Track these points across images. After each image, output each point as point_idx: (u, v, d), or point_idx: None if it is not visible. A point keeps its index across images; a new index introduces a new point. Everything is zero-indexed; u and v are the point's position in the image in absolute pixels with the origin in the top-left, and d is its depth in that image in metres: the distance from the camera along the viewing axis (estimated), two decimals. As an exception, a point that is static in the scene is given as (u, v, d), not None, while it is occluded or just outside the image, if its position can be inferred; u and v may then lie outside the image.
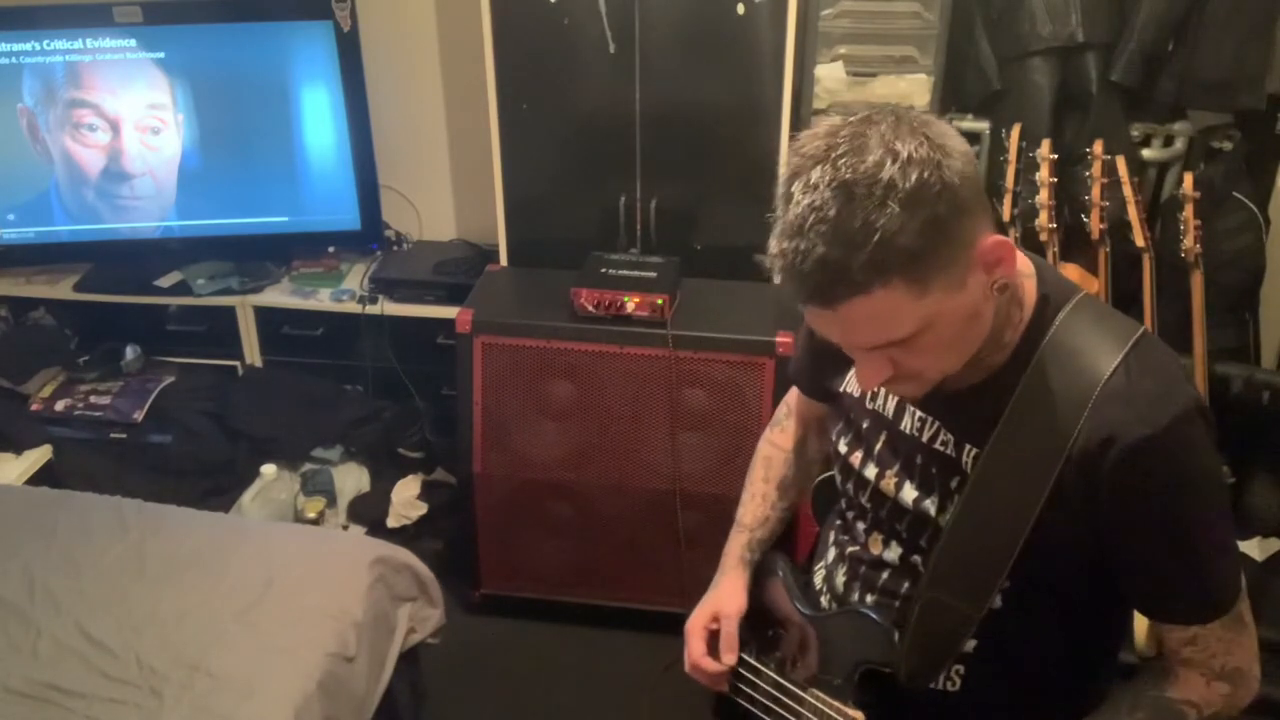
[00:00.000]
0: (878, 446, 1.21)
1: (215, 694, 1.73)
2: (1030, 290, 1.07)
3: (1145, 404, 0.99)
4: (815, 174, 0.90)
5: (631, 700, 1.63)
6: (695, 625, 1.38)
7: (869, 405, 1.22)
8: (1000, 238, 0.95)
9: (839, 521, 1.32)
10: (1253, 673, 1.10)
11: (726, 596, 1.38)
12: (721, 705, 1.41)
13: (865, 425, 1.23)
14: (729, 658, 1.35)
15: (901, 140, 0.89)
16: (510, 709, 2.47)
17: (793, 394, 1.47)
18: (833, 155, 0.90)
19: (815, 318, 0.97)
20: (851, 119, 0.93)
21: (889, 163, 0.88)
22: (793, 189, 0.91)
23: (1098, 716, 1.12)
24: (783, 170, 0.94)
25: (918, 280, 0.90)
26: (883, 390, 1.19)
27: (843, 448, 1.26)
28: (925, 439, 1.14)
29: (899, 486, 1.18)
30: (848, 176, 0.88)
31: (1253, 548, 2.60)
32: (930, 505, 1.14)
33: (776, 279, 0.97)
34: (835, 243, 0.88)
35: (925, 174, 0.88)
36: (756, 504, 1.44)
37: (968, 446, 1.10)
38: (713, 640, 1.38)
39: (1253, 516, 2.65)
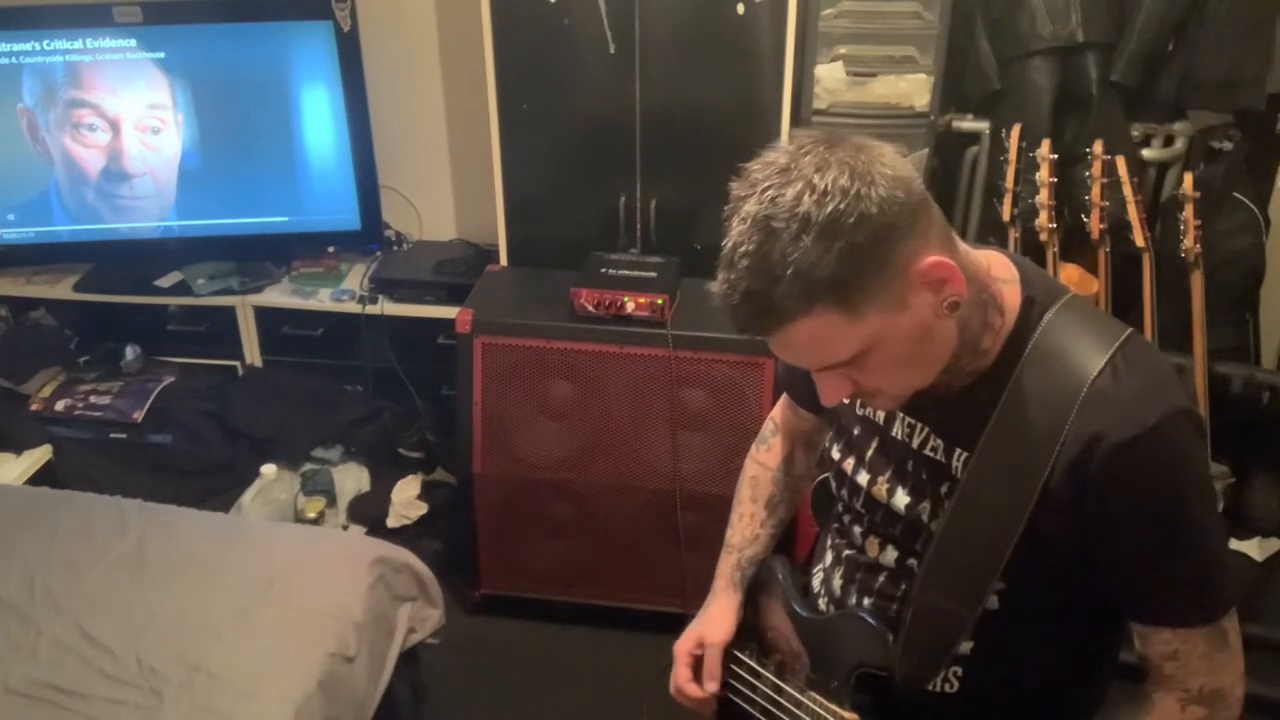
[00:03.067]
0: (869, 453, 1.21)
1: (215, 694, 1.73)
2: (1012, 295, 1.07)
3: (1132, 404, 0.99)
4: (747, 207, 0.94)
5: (631, 700, 1.62)
6: (681, 650, 1.40)
7: (859, 411, 1.22)
8: (939, 258, 0.95)
9: (836, 525, 1.32)
10: (1234, 695, 1.09)
11: (713, 623, 1.40)
12: (721, 707, 1.41)
13: (856, 431, 1.23)
14: (710, 686, 1.37)
15: (823, 172, 0.92)
16: (510, 709, 2.47)
17: (778, 409, 1.47)
18: (760, 189, 0.93)
19: (769, 343, 0.99)
20: (789, 148, 0.95)
21: (806, 196, 0.91)
22: (731, 221, 0.95)
23: None
24: (733, 196, 0.97)
25: (847, 306, 0.93)
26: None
27: (835, 454, 1.27)
28: (915, 444, 1.15)
29: (891, 492, 1.18)
30: (769, 211, 0.92)
31: (1253, 548, 2.60)
32: (923, 510, 1.14)
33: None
34: (758, 276, 0.92)
35: (841, 205, 0.90)
36: (745, 524, 1.45)
37: (957, 451, 1.10)
38: (698, 666, 1.39)
39: (1253, 516, 2.65)
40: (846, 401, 1.23)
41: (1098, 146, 2.38)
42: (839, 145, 0.94)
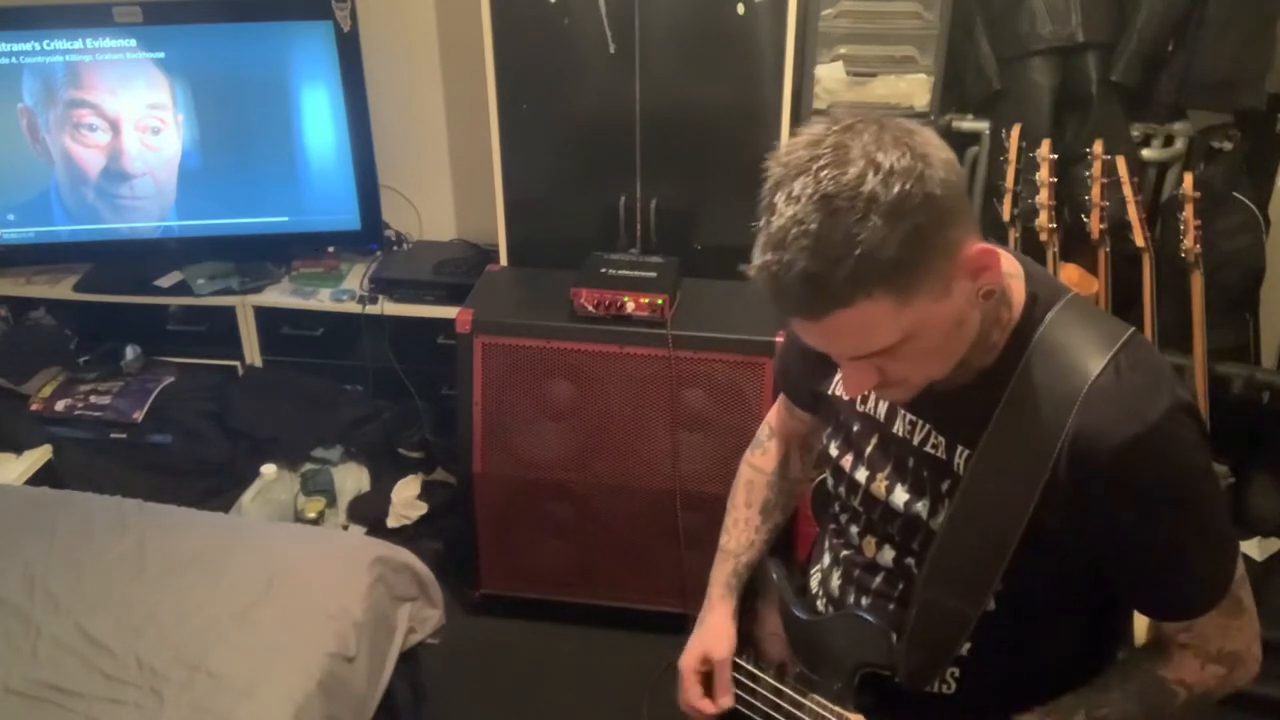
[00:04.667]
0: (868, 449, 1.20)
1: (215, 694, 1.73)
2: (1018, 290, 1.07)
3: (1133, 402, 0.99)
4: (797, 185, 0.90)
5: (631, 700, 1.62)
6: (688, 668, 1.39)
7: (859, 408, 1.22)
8: (985, 245, 0.95)
9: (833, 525, 1.32)
10: (1251, 653, 1.10)
11: (715, 636, 1.38)
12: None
13: (856, 428, 1.22)
14: (725, 701, 1.36)
15: (884, 151, 0.89)
16: (510, 709, 2.47)
17: (774, 413, 1.47)
18: (815, 166, 0.89)
19: (801, 328, 0.97)
20: (834, 127, 0.92)
21: (871, 174, 0.88)
22: (775, 200, 0.91)
23: (1090, 688, 1.12)
24: (768, 177, 0.93)
25: (901, 291, 0.91)
26: (873, 394, 1.19)
27: (834, 451, 1.26)
28: (916, 442, 1.14)
29: (890, 489, 1.17)
30: (829, 189, 0.88)
31: (1253, 548, 2.60)
32: (922, 508, 1.14)
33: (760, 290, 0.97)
34: (817, 256, 0.88)
35: (907, 185, 0.88)
36: (740, 529, 1.44)
37: (959, 448, 1.10)
38: (707, 681, 1.38)
39: (1253, 516, 2.65)
40: (845, 398, 1.23)
41: (1098, 146, 2.37)
42: (888, 124, 0.92)
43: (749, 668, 1.36)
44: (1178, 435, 1.00)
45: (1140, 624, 1.64)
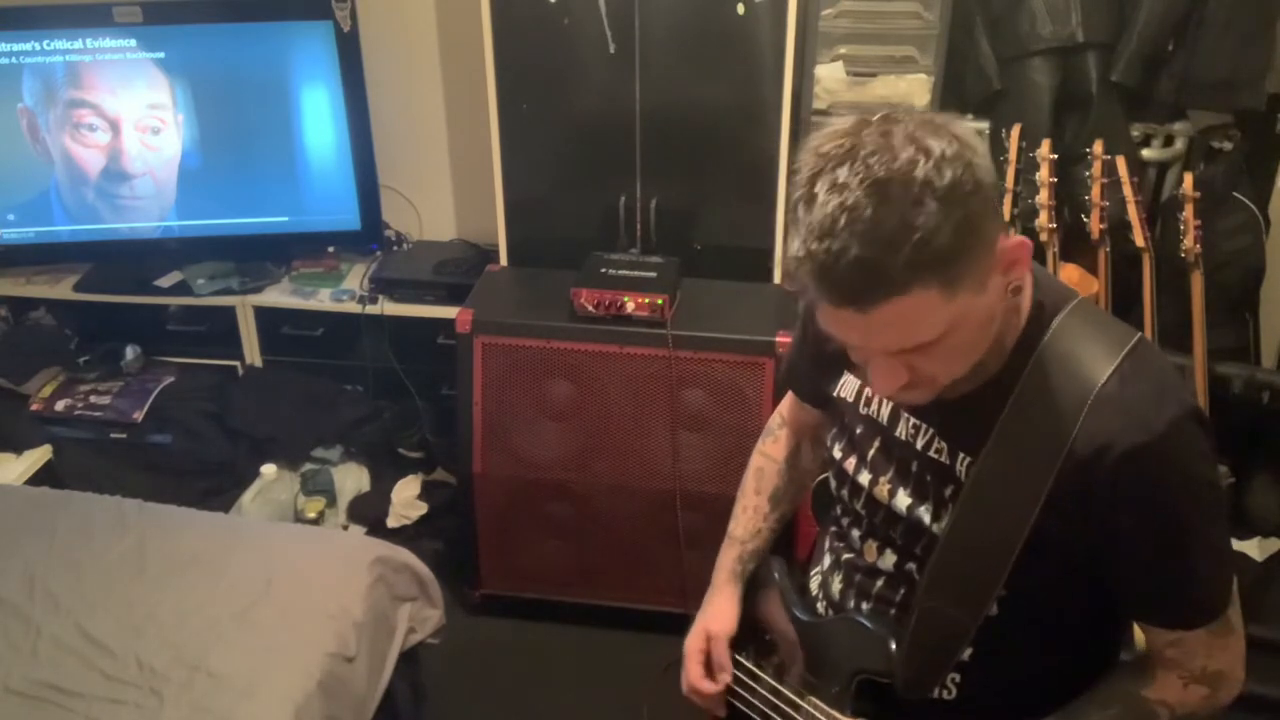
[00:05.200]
0: (871, 452, 1.20)
1: (215, 694, 1.73)
2: (1026, 295, 1.06)
3: (1141, 410, 0.99)
4: (842, 173, 0.87)
5: (631, 700, 1.63)
6: (692, 648, 1.39)
7: (863, 410, 1.21)
8: (1020, 238, 0.94)
9: (834, 528, 1.31)
10: (1235, 675, 1.10)
11: (716, 616, 1.39)
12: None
13: (859, 431, 1.22)
14: (723, 678, 1.36)
15: (934, 137, 0.88)
16: (510, 709, 2.47)
17: (786, 403, 1.46)
18: (861, 154, 0.87)
19: (841, 322, 0.94)
20: (871, 119, 0.91)
21: (922, 160, 0.86)
22: (816, 189, 0.88)
23: (1070, 710, 1.12)
24: (800, 170, 0.91)
25: (950, 282, 0.89)
26: (877, 396, 1.19)
27: (837, 453, 1.25)
28: (920, 446, 1.13)
29: (893, 493, 1.17)
30: (881, 174, 0.86)
31: (1253, 548, 2.60)
32: (925, 513, 1.13)
33: (793, 280, 0.93)
34: (871, 242, 0.86)
35: (959, 172, 0.86)
36: (748, 516, 1.44)
37: (962, 454, 1.09)
38: (710, 662, 1.38)
39: (1253, 516, 2.65)
40: (850, 399, 1.23)
41: (1098, 146, 2.37)
42: (926, 115, 0.91)
43: (749, 665, 1.36)
44: (1184, 444, 0.99)
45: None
